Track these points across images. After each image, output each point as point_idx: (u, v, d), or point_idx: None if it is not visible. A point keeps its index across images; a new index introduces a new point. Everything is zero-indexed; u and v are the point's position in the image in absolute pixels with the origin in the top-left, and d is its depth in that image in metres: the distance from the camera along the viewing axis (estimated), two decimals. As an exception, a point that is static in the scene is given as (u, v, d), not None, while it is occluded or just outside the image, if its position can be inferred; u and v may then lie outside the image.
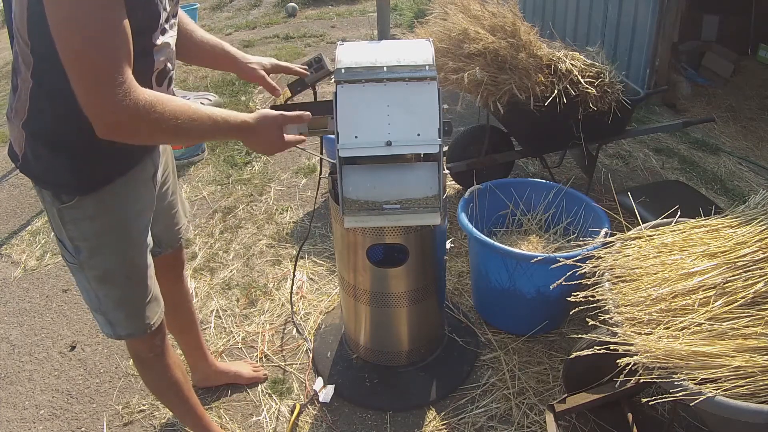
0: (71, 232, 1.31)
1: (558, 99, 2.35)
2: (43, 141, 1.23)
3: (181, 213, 1.69)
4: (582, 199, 2.28)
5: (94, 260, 1.35)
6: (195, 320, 1.92)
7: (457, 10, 2.53)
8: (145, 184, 1.42)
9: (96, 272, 1.36)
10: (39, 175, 1.28)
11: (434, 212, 1.57)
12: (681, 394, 1.19)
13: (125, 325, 1.44)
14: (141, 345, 1.51)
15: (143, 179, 1.41)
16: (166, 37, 1.25)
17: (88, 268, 1.35)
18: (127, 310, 1.43)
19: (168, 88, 1.35)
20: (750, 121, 4.06)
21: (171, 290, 1.75)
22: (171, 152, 1.62)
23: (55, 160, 1.24)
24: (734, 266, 1.39)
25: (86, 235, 1.31)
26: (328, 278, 2.59)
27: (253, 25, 6.85)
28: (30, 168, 1.28)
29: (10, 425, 1.98)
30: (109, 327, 1.45)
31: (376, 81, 1.54)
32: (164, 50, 1.26)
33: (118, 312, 1.42)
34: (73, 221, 1.30)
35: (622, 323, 1.36)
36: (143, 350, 1.52)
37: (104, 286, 1.38)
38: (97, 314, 1.45)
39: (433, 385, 2.00)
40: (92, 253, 1.34)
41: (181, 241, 1.73)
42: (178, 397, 1.64)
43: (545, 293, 1.96)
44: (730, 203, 2.95)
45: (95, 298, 1.41)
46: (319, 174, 1.84)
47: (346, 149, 1.50)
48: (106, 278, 1.37)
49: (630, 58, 4.05)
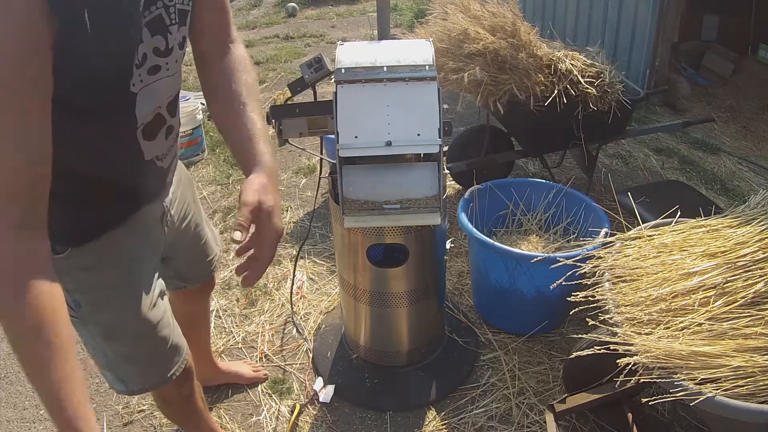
0: (68, 284, 1.11)
1: (558, 99, 2.35)
2: None
3: (210, 244, 1.53)
4: (582, 199, 2.28)
5: (96, 316, 1.18)
6: (209, 332, 1.91)
7: (457, 10, 2.53)
8: (152, 227, 1.25)
9: (100, 328, 1.20)
10: None
11: (434, 212, 1.57)
12: (681, 394, 1.19)
13: (139, 381, 1.30)
14: (166, 391, 1.37)
15: (149, 223, 1.24)
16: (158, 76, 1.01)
17: (92, 323, 1.19)
18: (140, 366, 1.28)
19: (168, 140, 1.13)
20: (750, 121, 4.05)
21: (193, 310, 1.69)
22: (187, 179, 1.43)
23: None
24: (734, 266, 1.39)
25: (84, 287, 1.14)
26: (328, 278, 2.59)
27: (253, 25, 6.85)
28: None
29: (10, 425, 1.98)
30: (121, 384, 1.30)
31: (376, 81, 1.54)
32: (154, 96, 1.03)
33: (129, 367, 1.27)
34: (68, 272, 1.11)
35: (622, 323, 1.36)
36: (169, 395, 1.40)
37: (110, 343, 1.22)
38: (106, 371, 1.29)
39: (433, 385, 2.00)
40: (93, 308, 1.17)
41: (213, 272, 1.58)
42: (197, 424, 1.57)
43: (545, 293, 1.96)
44: (730, 203, 2.95)
45: (102, 354, 1.25)
46: (319, 174, 1.84)
47: (346, 149, 1.50)
48: (112, 335, 1.21)
49: (630, 58, 4.05)
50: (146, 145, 1.10)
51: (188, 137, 3.52)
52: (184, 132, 3.43)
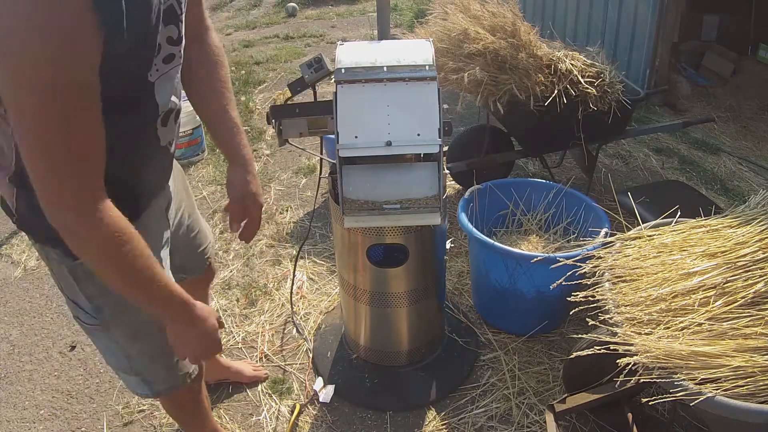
0: (89, 290, 1.14)
1: (558, 99, 2.35)
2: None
3: (204, 233, 1.56)
4: (582, 199, 2.28)
5: (121, 317, 1.19)
6: None
7: (457, 10, 2.53)
8: (160, 219, 1.28)
9: (126, 329, 1.21)
10: (42, 231, 1.06)
11: (434, 212, 1.57)
12: (681, 394, 1.19)
13: (165, 379, 1.31)
14: (181, 395, 1.39)
15: (158, 214, 1.27)
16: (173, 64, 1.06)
17: (116, 326, 1.19)
18: (166, 362, 1.29)
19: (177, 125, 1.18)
20: (750, 121, 4.05)
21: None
22: (177, 170, 1.44)
23: None
24: (734, 266, 1.39)
25: (107, 290, 1.10)
26: (328, 278, 2.59)
27: (253, 25, 6.85)
28: (28, 224, 1.09)
29: (10, 425, 1.98)
30: (146, 386, 1.30)
31: (376, 81, 1.54)
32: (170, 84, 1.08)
33: (156, 366, 1.28)
34: (88, 277, 1.12)
35: (622, 323, 1.36)
36: (182, 398, 1.41)
37: (137, 343, 1.23)
38: (129, 375, 1.29)
39: (433, 385, 2.00)
40: (118, 309, 1.17)
41: (209, 260, 1.60)
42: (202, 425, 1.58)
43: (545, 293, 1.96)
44: (730, 203, 2.95)
45: (124, 359, 1.25)
46: (319, 174, 1.84)
47: (346, 149, 1.50)
48: (138, 334, 1.22)
49: (630, 58, 4.05)
50: (162, 132, 1.13)
51: (188, 137, 3.51)
52: (184, 132, 3.42)
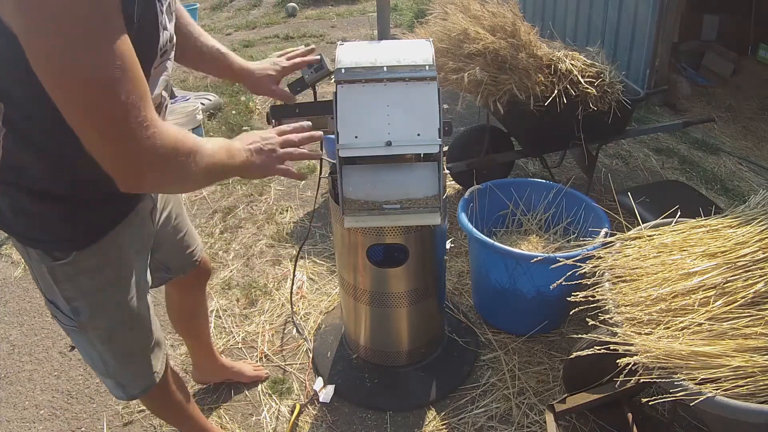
0: (67, 292, 1.13)
1: (558, 99, 2.35)
2: (25, 192, 1.02)
3: (192, 235, 1.56)
4: (582, 199, 2.28)
5: (97, 320, 1.19)
6: (208, 326, 1.92)
7: (457, 10, 2.53)
8: (145, 222, 1.27)
9: (100, 332, 1.21)
10: (22, 233, 1.06)
11: (434, 212, 1.57)
12: (681, 394, 1.19)
13: (135, 384, 1.33)
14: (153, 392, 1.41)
15: (143, 217, 1.26)
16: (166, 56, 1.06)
17: (91, 328, 1.19)
18: (135, 367, 1.31)
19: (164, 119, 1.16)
20: (750, 121, 4.06)
21: (189, 301, 1.71)
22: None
23: (42, 213, 1.04)
24: (734, 266, 1.39)
25: (85, 292, 1.14)
26: (328, 278, 2.59)
27: (253, 25, 6.85)
28: (8, 224, 1.06)
29: (10, 425, 1.98)
30: (120, 389, 1.33)
31: (376, 81, 1.54)
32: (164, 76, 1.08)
33: (126, 370, 1.30)
34: (68, 279, 1.11)
35: (622, 323, 1.36)
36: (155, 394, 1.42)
37: (110, 346, 1.24)
38: (106, 378, 1.31)
39: (433, 385, 2.00)
40: (94, 312, 1.17)
41: (198, 262, 1.60)
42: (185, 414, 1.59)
43: (545, 293, 1.96)
44: (730, 203, 2.95)
45: (100, 362, 1.26)
46: (319, 174, 1.84)
47: (346, 149, 1.50)
48: (112, 336, 1.23)
49: (630, 58, 4.05)
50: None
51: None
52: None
